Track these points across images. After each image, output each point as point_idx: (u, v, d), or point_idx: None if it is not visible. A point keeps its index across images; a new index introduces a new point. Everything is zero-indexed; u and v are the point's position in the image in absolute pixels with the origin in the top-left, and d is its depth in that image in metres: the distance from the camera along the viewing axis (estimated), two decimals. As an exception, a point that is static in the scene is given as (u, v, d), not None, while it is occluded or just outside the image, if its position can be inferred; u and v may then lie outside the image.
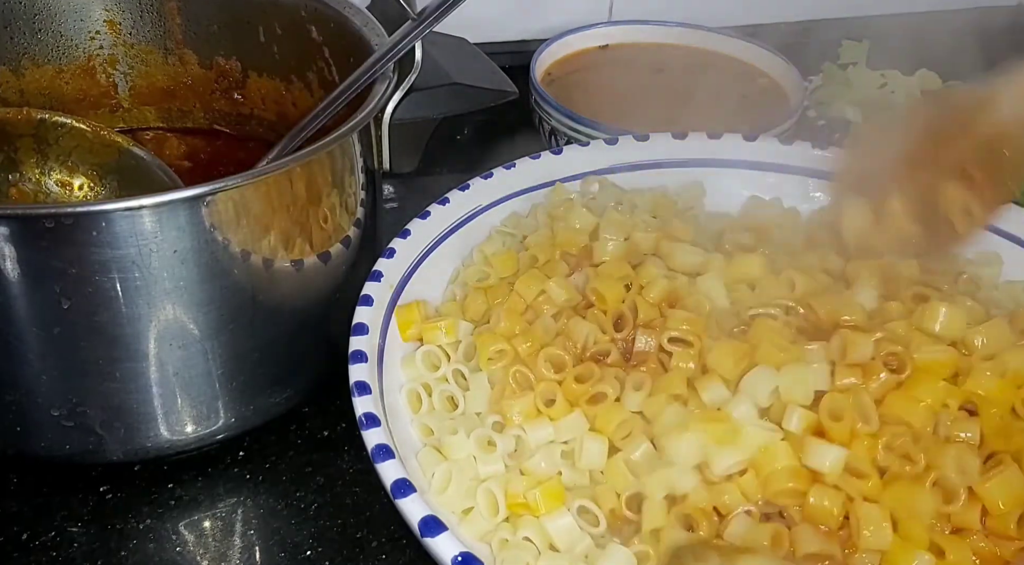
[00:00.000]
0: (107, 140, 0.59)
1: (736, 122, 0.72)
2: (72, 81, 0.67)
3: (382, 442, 0.45)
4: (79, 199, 0.59)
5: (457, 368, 0.53)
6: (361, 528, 0.53)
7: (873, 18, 1.01)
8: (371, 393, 0.48)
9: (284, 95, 0.66)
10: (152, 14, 0.66)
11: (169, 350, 0.49)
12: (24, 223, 0.43)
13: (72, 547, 0.52)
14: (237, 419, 0.54)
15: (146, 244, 0.44)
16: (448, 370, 0.53)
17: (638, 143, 0.67)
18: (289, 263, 0.51)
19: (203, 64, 0.68)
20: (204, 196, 0.45)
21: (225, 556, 0.52)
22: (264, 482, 0.56)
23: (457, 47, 0.80)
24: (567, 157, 0.66)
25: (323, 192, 0.51)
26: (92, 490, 0.54)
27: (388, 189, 0.77)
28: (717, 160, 0.67)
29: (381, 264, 0.55)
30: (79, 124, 0.58)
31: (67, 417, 0.50)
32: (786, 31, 0.99)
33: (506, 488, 0.47)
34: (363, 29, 0.59)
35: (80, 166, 0.59)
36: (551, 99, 0.76)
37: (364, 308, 0.52)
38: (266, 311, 0.51)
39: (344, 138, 0.50)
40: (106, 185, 0.60)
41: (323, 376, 0.58)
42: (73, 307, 0.45)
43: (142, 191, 0.47)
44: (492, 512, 0.47)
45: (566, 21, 0.89)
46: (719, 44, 0.87)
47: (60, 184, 0.59)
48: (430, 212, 0.60)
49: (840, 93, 0.86)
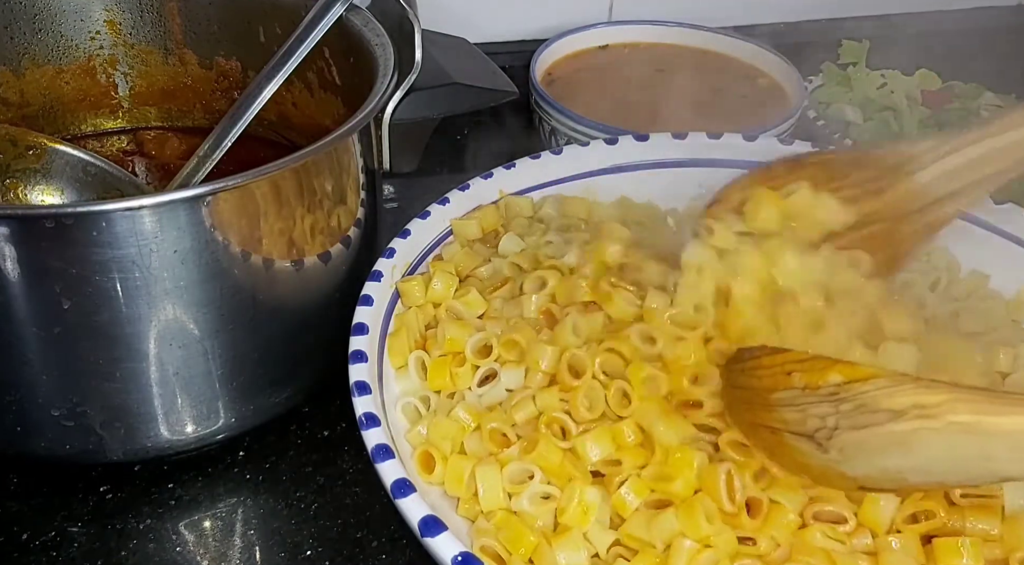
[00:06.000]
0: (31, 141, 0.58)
1: (736, 122, 0.72)
2: (72, 81, 0.67)
3: (382, 442, 0.45)
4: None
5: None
6: (361, 528, 0.53)
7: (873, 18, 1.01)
8: (371, 393, 0.48)
9: (284, 95, 0.66)
10: (152, 14, 0.66)
11: (169, 350, 0.49)
12: (24, 223, 0.43)
13: (72, 547, 0.52)
14: (237, 419, 0.54)
15: (146, 244, 0.44)
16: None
17: (638, 143, 0.67)
18: (289, 263, 0.51)
19: (203, 64, 0.68)
20: (204, 196, 0.45)
21: (225, 556, 0.52)
22: (264, 482, 0.56)
23: (457, 47, 0.80)
24: (567, 157, 0.66)
25: (323, 192, 0.51)
26: (92, 490, 0.55)
27: (388, 189, 0.77)
28: (717, 160, 0.67)
29: (381, 264, 0.55)
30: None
31: (67, 417, 0.50)
32: (786, 31, 0.99)
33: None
34: (363, 29, 0.59)
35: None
36: (551, 99, 0.76)
37: (364, 308, 0.52)
38: (266, 311, 0.51)
39: (344, 138, 0.50)
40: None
41: (323, 376, 0.58)
42: (73, 307, 0.45)
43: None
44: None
45: (566, 21, 0.89)
46: (719, 44, 0.87)
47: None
48: (430, 212, 0.60)
49: (840, 93, 0.86)
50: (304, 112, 0.67)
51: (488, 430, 0.49)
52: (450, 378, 0.52)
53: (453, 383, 0.52)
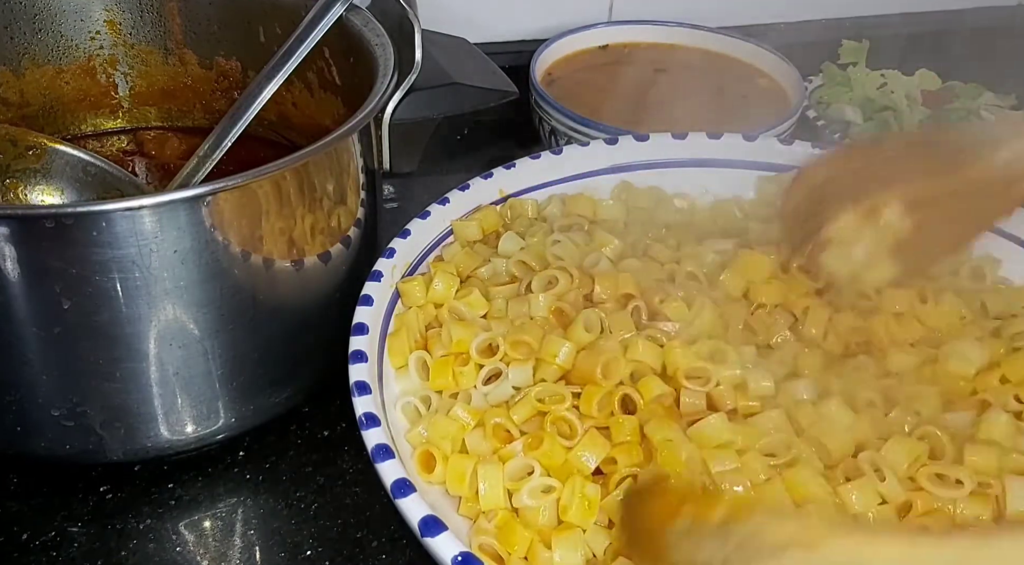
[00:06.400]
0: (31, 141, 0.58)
1: (736, 122, 0.72)
2: (72, 81, 0.67)
3: (382, 442, 0.45)
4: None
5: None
6: (361, 528, 0.53)
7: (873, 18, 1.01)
8: (371, 393, 0.48)
9: (284, 95, 0.66)
10: (152, 14, 0.66)
11: (169, 350, 0.49)
12: (24, 223, 0.43)
13: (72, 547, 0.52)
14: (237, 419, 0.54)
15: (146, 244, 0.44)
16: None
17: (638, 143, 0.67)
18: (289, 263, 0.51)
19: (203, 64, 0.68)
20: (204, 196, 0.45)
21: (225, 556, 0.52)
22: (264, 482, 0.56)
23: (457, 47, 0.80)
24: (567, 157, 0.66)
25: (323, 192, 0.51)
26: (92, 490, 0.55)
27: (388, 189, 0.77)
28: (717, 160, 0.67)
29: (381, 264, 0.55)
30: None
31: (67, 417, 0.50)
32: (786, 31, 0.99)
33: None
34: (363, 29, 0.59)
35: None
36: (551, 99, 0.76)
37: (364, 308, 0.52)
38: (266, 311, 0.51)
39: (344, 138, 0.50)
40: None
41: (323, 376, 0.58)
42: (73, 307, 0.45)
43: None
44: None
45: (566, 21, 0.89)
46: (719, 44, 0.87)
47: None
48: (430, 212, 0.60)
49: (840, 93, 0.86)
50: (304, 112, 0.67)
51: (492, 425, 0.49)
52: (453, 377, 0.52)
53: (456, 383, 0.52)
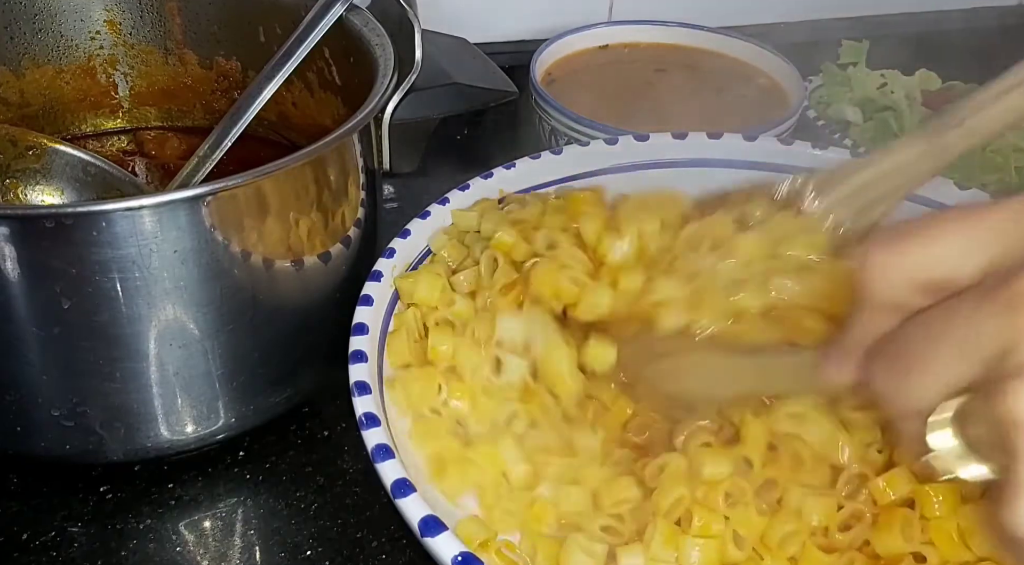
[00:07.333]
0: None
1: (736, 122, 0.72)
2: (72, 81, 0.67)
3: (382, 442, 0.45)
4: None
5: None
6: (361, 528, 0.53)
7: (873, 18, 1.01)
8: (371, 393, 0.48)
9: (284, 95, 0.66)
10: (152, 14, 0.66)
11: (169, 350, 0.49)
12: (24, 223, 0.43)
13: (72, 547, 0.52)
14: (237, 419, 0.54)
15: (146, 244, 0.44)
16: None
17: (638, 143, 0.67)
18: (289, 263, 0.51)
19: (203, 64, 0.68)
20: (204, 196, 0.45)
21: (225, 556, 0.52)
22: (264, 482, 0.56)
23: (457, 47, 0.80)
24: (567, 157, 0.66)
25: (323, 192, 0.51)
26: (92, 490, 0.55)
27: (388, 189, 0.77)
28: (717, 160, 0.67)
29: (381, 264, 0.55)
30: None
31: (67, 417, 0.50)
32: (786, 31, 0.99)
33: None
34: (363, 29, 0.59)
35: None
36: (551, 99, 0.76)
37: (364, 308, 0.52)
38: (266, 311, 0.51)
39: (344, 138, 0.50)
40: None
41: (323, 376, 0.58)
42: (73, 307, 0.45)
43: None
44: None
45: (566, 21, 0.89)
46: (719, 44, 0.87)
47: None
48: (430, 212, 0.60)
49: (840, 93, 0.86)
50: (304, 112, 0.67)
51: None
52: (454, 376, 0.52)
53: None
